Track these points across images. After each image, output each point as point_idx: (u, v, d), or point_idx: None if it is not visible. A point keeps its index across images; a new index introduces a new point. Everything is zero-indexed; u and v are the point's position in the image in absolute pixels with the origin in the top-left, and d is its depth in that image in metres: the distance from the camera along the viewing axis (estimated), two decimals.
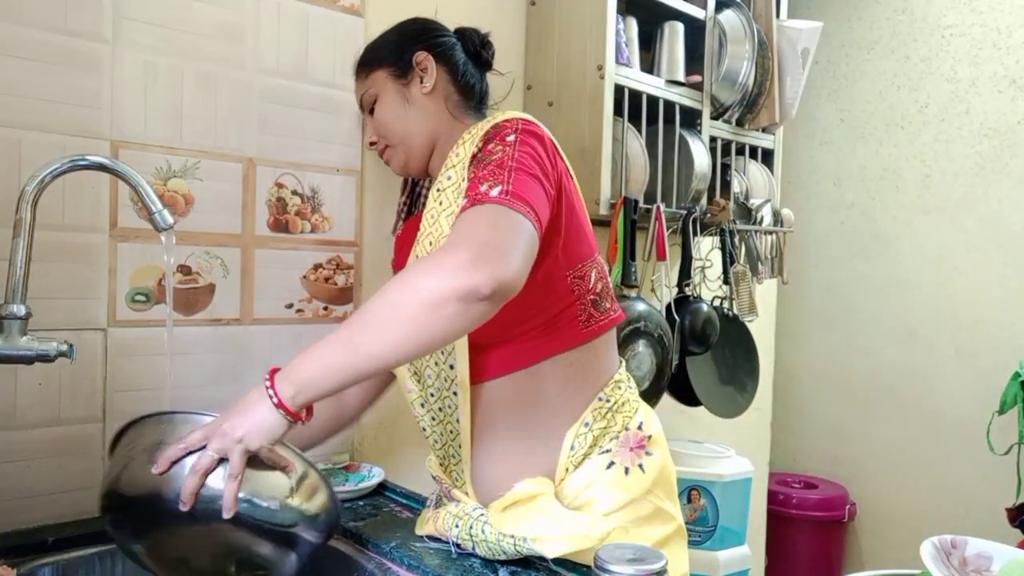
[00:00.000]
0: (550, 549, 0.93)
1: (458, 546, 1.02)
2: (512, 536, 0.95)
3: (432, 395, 1.04)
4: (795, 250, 2.77)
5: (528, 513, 0.97)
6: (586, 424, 1.02)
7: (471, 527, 0.99)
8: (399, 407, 1.53)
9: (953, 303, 2.68)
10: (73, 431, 1.13)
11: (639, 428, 1.04)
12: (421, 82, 1.12)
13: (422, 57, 1.13)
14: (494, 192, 0.85)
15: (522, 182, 0.87)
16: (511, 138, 0.94)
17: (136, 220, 1.18)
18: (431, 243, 0.99)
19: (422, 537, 1.07)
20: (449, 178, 1.00)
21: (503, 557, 0.98)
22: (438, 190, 1.01)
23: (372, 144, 1.18)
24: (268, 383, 0.81)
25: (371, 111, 1.15)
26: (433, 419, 1.06)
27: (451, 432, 1.04)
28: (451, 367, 0.99)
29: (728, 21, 1.91)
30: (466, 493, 1.06)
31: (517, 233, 0.83)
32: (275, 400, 0.80)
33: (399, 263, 1.26)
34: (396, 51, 1.14)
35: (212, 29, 1.26)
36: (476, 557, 1.00)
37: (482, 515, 1.00)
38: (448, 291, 0.76)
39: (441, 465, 1.10)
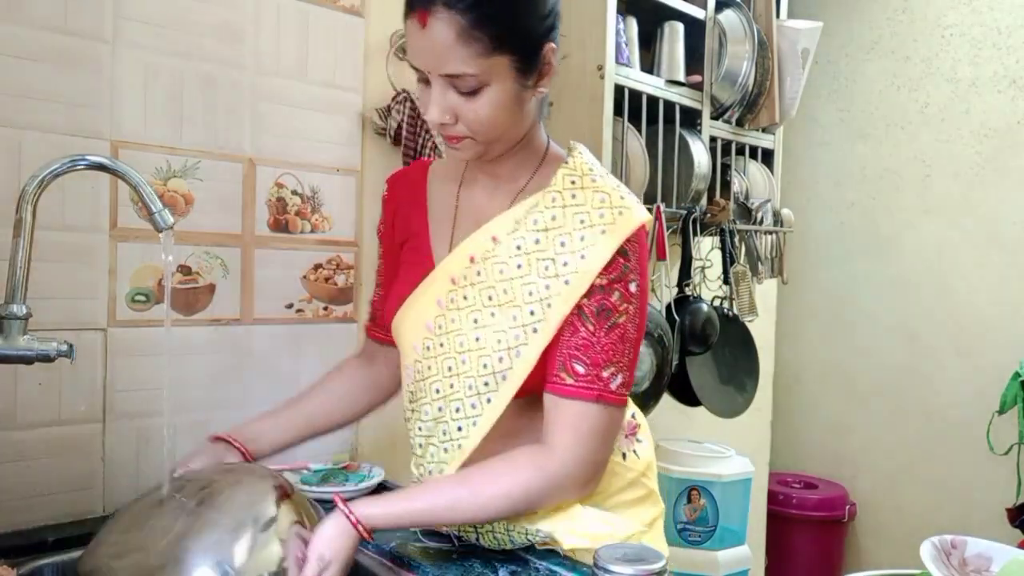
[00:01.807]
0: (567, 541, 0.93)
1: (459, 539, 1.02)
2: (524, 527, 0.95)
3: (456, 398, 0.98)
4: (795, 250, 2.77)
5: (548, 511, 0.96)
6: None
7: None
8: (399, 407, 1.53)
9: (953, 303, 2.68)
10: (73, 431, 1.13)
11: (632, 416, 1.07)
12: (538, 82, 0.92)
13: (551, 54, 0.92)
14: (615, 384, 0.91)
15: (636, 358, 0.94)
16: (634, 287, 0.92)
17: (136, 220, 1.18)
18: (490, 297, 0.94)
19: (420, 537, 1.07)
20: (537, 242, 0.92)
21: (509, 547, 0.98)
22: (518, 248, 0.93)
23: (443, 125, 0.90)
24: (353, 520, 0.86)
25: (467, 93, 0.87)
26: (433, 420, 1.01)
27: (454, 433, 1.00)
28: (503, 378, 0.94)
29: (728, 21, 1.91)
30: None
31: (618, 432, 0.99)
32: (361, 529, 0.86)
33: (395, 235, 1.10)
34: (529, 40, 0.89)
35: (212, 29, 1.26)
36: (476, 557, 1.00)
37: None
38: (559, 501, 0.92)
39: (419, 468, 1.06)
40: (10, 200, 0.94)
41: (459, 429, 0.97)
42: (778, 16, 2.07)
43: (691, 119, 1.89)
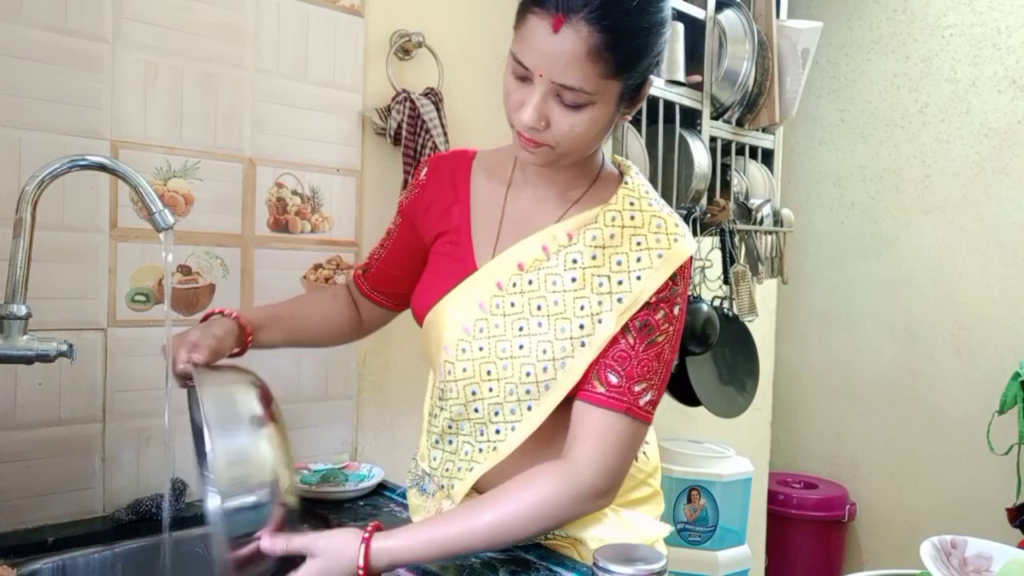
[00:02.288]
0: (591, 536, 0.97)
1: None
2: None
3: (496, 402, 0.97)
4: (795, 250, 2.77)
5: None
6: None
7: None
8: (399, 407, 1.54)
9: (953, 303, 2.68)
10: (73, 431, 1.13)
11: None
12: (630, 109, 0.93)
13: (648, 87, 0.93)
14: (644, 400, 0.91)
15: (667, 379, 0.96)
16: (677, 310, 0.94)
17: (136, 220, 1.18)
18: (539, 307, 0.94)
19: None
20: (594, 257, 0.93)
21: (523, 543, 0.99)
22: (574, 261, 0.93)
23: (532, 129, 0.87)
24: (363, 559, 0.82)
25: (570, 105, 0.85)
26: (467, 420, 0.99)
27: (492, 435, 0.98)
28: (547, 388, 0.93)
29: (728, 21, 1.91)
30: (448, 497, 1.03)
31: (639, 448, 0.98)
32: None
33: (407, 237, 1.10)
34: (642, 71, 0.88)
35: (212, 29, 1.26)
36: (475, 557, 1.00)
37: None
38: (580, 514, 0.91)
39: (434, 461, 1.06)
40: (10, 200, 0.94)
41: (497, 432, 0.96)
42: (778, 16, 2.07)
43: (691, 119, 1.89)
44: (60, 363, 0.92)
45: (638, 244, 0.93)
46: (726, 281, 1.97)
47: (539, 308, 0.93)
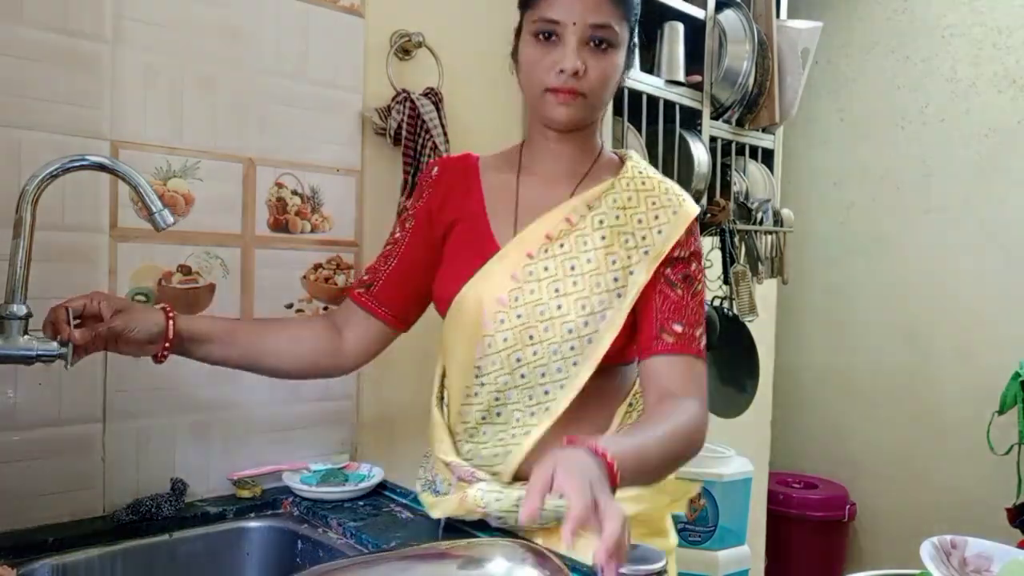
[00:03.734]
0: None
1: (499, 518, 1.03)
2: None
3: (541, 364, 1.01)
4: (795, 250, 2.77)
5: None
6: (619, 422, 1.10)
7: (519, 498, 1.00)
8: (399, 407, 1.54)
9: (953, 303, 2.68)
10: (73, 431, 1.13)
11: None
12: (626, 72, 1.06)
13: (635, 53, 1.10)
14: (702, 344, 1.04)
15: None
16: (695, 267, 1.06)
17: (136, 220, 1.18)
18: (573, 267, 1.01)
19: (436, 525, 1.07)
20: (617, 217, 1.03)
21: (553, 525, 1.01)
22: (600, 222, 1.03)
23: (574, 74, 0.97)
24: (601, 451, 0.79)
25: (600, 46, 0.98)
26: (515, 388, 1.02)
27: (541, 397, 1.01)
28: (589, 341, 1.00)
29: (728, 21, 1.91)
30: (495, 473, 1.04)
31: None
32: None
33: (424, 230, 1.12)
34: (636, 16, 1.04)
35: (212, 29, 1.26)
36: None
37: None
38: (702, 445, 0.99)
39: (457, 444, 1.07)
40: (10, 200, 0.94)
41: (546, 393, 1.02)
42: (778, 16, 2.07)
43: (691, 119, 1.89)
44: (60, 363, 0.92)
45: (653, 204, 1.05)
46: (726, 281, 1.97)
47: (572, 268, 1.01)
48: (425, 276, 1.11)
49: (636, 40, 1.07)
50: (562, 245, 1.02)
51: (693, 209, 1.07)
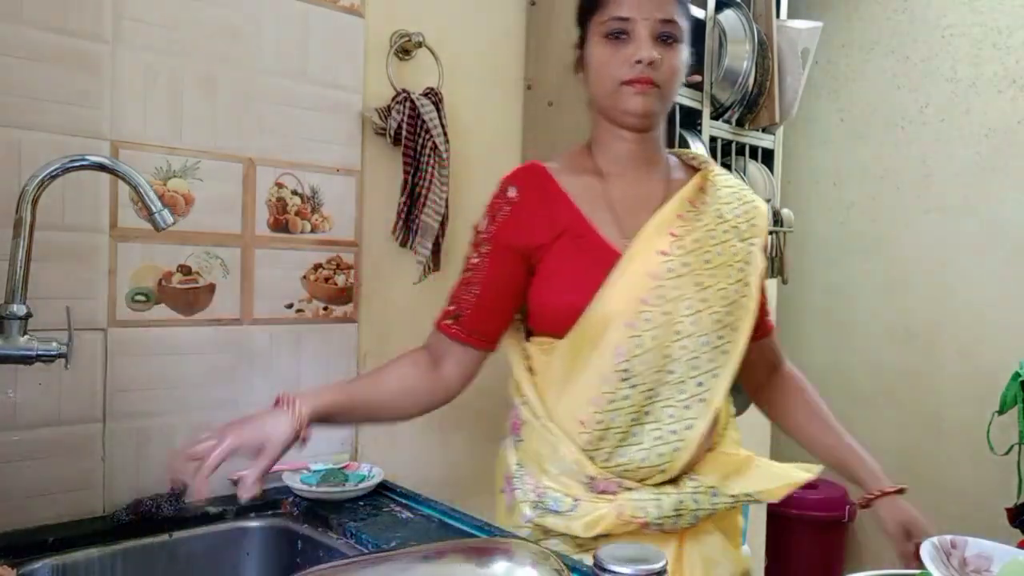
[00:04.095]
0: (773, 495, 1.10)
1: (658, 525, 1.02)
2: (733, 495, 1.06)
3: (692, 357, 1.04)
4: (795, 250, 2.77)
5: (743, 471, 1.10)
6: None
7: (681, 501, 1.03)
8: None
9: (953, 303, 2.68)
10: (73, 431, 1.13)
11: None
12: (687, 68, 1.12)
13: (689, 53, 1.14)
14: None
15: None
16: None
17: (136, 220, 1.18)
18: (708, 260, 1.06)
19: (587, 544, 1.04)
20: (723, 211, 1.10)
21: (707, 511, 1.06)
22: (718, 215, 1.09)
23: (649, 64, 1.02)
24: None
25: (667, 40, 1.05)
26: (667, 385, 1.03)
27: (694, 389, 1.04)
28: (734, 329, 1.07)
29: (728, 21, 1.91)
30: (662, 472, 1.04)
31: None
32: None
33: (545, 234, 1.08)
34: (689, 14, 1.11)
35: (212, 29, 1.26)
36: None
37: (696, 484, 1.05)
38: None
39: (592, 457, 1.03)
40: (10, 200, 0.94)
41: (699, 384, 1.04)
42: (778, 16, 2.07)
43: (691, 119, 1.88)
44: (60, 363, 0.92)
45: (740, 197, 1.13)
46: None
47: (708, 261, 1.06)
48: (512, 298, 1.10)
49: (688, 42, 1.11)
50: (696, 240, 1.06)
51: (761, 200, 1.17)
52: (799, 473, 1.13)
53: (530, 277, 1.09)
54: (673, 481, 1.06)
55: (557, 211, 1.08)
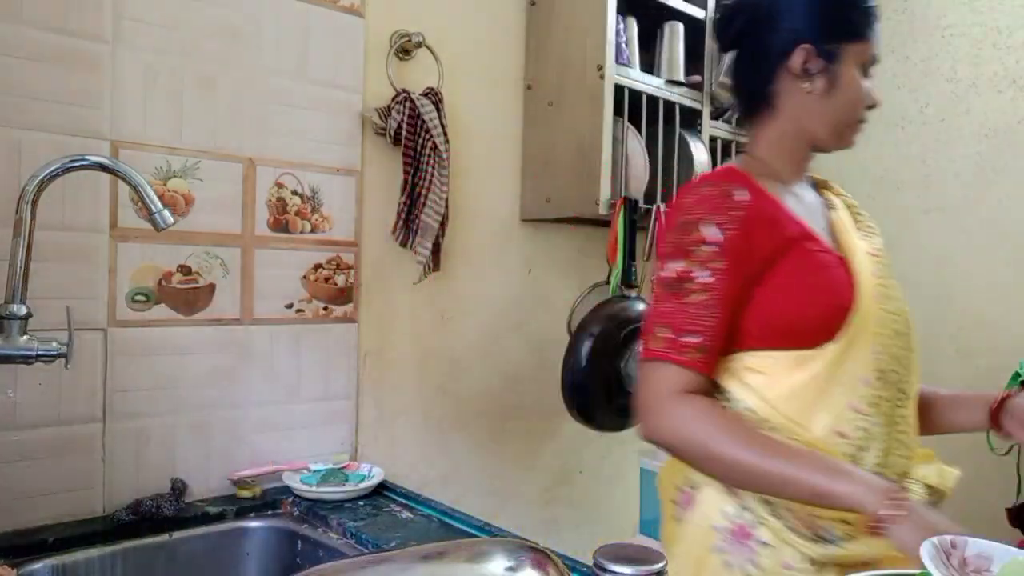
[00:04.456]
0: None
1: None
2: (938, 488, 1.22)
3: (903, 362, 1.09)
4: None
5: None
6: None
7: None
8: (399, 407, 1.54)
9: (953, 303, 2.68)
10: (73, 431, 1.13)
11: None
12: None
13: None
14: None
15: None
16: None
17: (136, 220, 1.18)
18: (888, 264, 1.15)
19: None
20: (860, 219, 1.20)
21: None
22: (869, 225, 1.22)
23: (871, 107, 1.12)
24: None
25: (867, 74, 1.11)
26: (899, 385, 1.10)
27: (905, 390, 1.10)
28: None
29: None
30: (909, 479, 1.15)
31: None
32: None
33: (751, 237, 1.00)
34: None
35: (212, 29, 1.26)
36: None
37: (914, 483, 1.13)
38: None
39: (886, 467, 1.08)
40: (10, 200, 0.94)
41: (906, 382, 1.10)
42: None
43: (691, 119, 1.88)
44: (60, 363, 0.92)
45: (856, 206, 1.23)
46: None
47: (888, 265, 1.14)
48: (737, 312, 1.00)
49: None
50: (874, 244, 1.14)
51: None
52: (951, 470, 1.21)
53: (752, 289, 0.99)
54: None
55: (786, 224, 1.02)
